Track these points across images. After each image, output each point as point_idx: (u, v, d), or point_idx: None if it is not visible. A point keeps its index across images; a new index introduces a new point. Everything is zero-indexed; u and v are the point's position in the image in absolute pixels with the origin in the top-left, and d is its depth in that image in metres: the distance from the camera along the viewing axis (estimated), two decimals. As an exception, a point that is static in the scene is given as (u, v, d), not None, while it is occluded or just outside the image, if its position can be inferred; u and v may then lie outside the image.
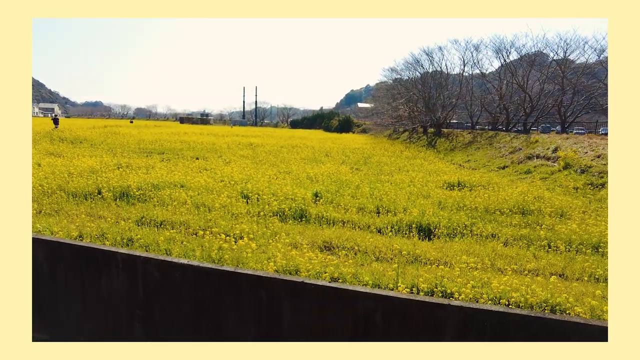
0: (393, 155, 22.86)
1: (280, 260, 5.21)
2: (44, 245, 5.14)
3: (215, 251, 5.59)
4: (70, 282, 4.99)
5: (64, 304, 5.06)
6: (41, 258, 5.19)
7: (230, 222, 7.44)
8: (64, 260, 5.07)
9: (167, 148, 21.79)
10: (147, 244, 6.08)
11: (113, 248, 4.93)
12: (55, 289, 5.04)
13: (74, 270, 5.08)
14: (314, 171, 13.71)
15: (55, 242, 5.07)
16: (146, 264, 4.71)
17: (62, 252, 5.10)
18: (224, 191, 9.47)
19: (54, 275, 5.14)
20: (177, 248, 5.94)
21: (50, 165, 12.15)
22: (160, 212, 7.76)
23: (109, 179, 9.60)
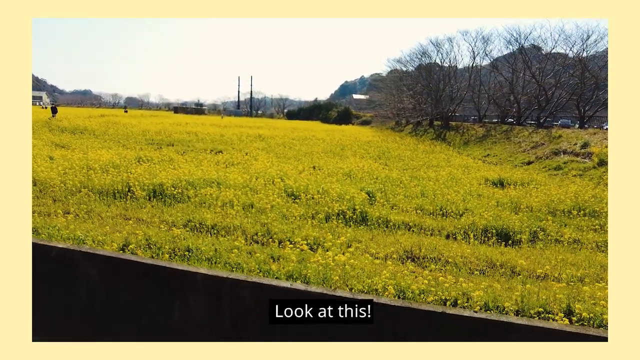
0: (409, 149, 22.11)
1: (386, 279, 4.39)
2: (100, 261, 4.25)
3: (313, 269, 4.73)
4: (133, 310, 4.13)
5: (123, 334, 4.18)
6: (96, 279, 4.31)
7: (288, 226, 6.60)
8: (126, 281, 4.20)
9: (176, 139, 20.73)
10: (210, 256, 5.22)
11: (192, 267, 4.06)
12: (113, 318, 4.16)
13: (139, 294, 4.21)
14: (344, 166, 12.88)
15: (115, 259, 4.18)
16: (236, 287, 3.87)
17: (123, 270, 4.23)
18: (266, 189, 8.60)
19: (112, 300, 4.26)
20: (250, 261, 5.08)
21: (65, 158, 11.10)
22: (206, 214, 6.87)
23: (138, 175, 8.65)
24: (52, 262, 4.36)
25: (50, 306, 4.41)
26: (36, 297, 4.46)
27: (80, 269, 4.29)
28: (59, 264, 4.34)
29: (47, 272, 4.40)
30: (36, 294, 4.47)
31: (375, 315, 3.29)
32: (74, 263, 4.30)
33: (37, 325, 3.48)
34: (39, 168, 9.25)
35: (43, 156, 11.36)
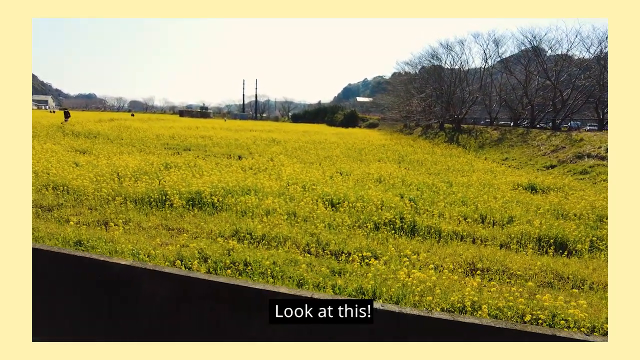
0: (426, 153, 21.83)
1: (470, 296, 4.11)
2: (167, 279, 3.99)
3: (395, 287, 4.46)
4: (207, 332, 3.86)
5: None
6: (161, 296, 4.05)
7: (338, 237, 6.34)
8: (199, 301, 3.93)
9: (192, 144, 20.53)
10: (273, 272, 4.95)
11: (270, 286, 3.80)
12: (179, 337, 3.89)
13: (208, 315, 3.94)
14: (371, 171, 12.60)
15: (183, 277, 3.92)
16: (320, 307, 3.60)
17: (189, 289, 3.96)
18: (303, 197, 8.34)
19: (182, 323, 4.00)
20: (313, 275, 4.82)
21: (91, 165, 10.88)
22: (251, 224, 6.62)
23: (173, 183, 8.40)
24: (115, 279, 4.11)
25: (114, 328, 4.16)
26: (99, 318, 4.21)
27: (145, 286, 4.04)
28: (123, 282, 4.09)
29: (111, 291, 4.15)
30: (100, 315, 4.22)
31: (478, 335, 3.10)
32: (138, 281, 4.05)
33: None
34: (69, 175, 9.02)
35: (68, 162, 11.14)
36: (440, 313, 3.50)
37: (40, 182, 8.60)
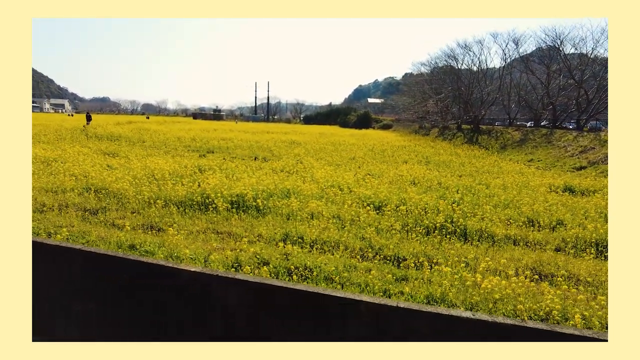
0: (450, 154, 21.52)
1: (553, 304, 3.92)
2: (242, 286, 3.87)
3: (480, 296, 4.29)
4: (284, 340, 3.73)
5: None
6: (236, 304, 3.94)
7: (389, 241, 6.18)
8: (276, 310, 3.81)
9: (214, 146, 20.55)
10: (336, 277, 4.81)
11: (351, 294, 3.66)
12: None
13: (288, 323, 3.81)
14: (403, 173, 12.40)
15: (259, 284, 3.80)
16: (410, 318, 3.45)
17: (268, 296, 3.84)
18: (343, 199, 8.20)
19: (258, 332, 3.88)
20: (375, 281, 4.67)
21: (124, 167, 10.90)
22: (301, 227, 6.50)
23: (215, 186, 8.33)
24: (182, 287, 4.01)
25: (181, 335, 4.06)
26: (167, 326, 4.12)
27: (217, 294, 3.94)
28: (191, 291, 3.99)
29: (177, 299, 4.06)
30: (169, 324, 4.13)
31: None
32: (209, 288, 3.95)
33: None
34: (108, 178, 9.04)
35: (102, 165, 11.20)
36: (535, 323, 3.32)
37: (80, 185, 8.61)
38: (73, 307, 4.45)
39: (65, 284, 4.46)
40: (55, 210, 7.25)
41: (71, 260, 4.36)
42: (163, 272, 4.02)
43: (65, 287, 4.47)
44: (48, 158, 12.17)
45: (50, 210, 7.25)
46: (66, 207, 7.45)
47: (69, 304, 4.47)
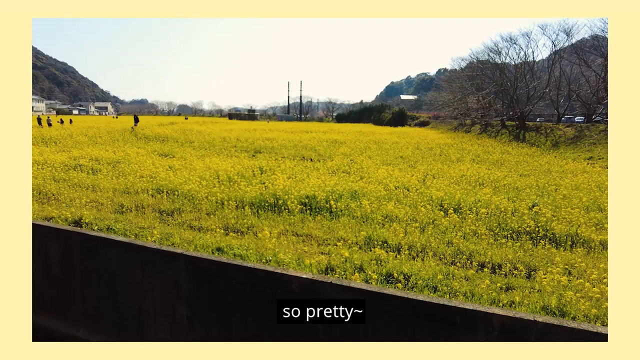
0: (502, 153, 20.63)
1: None
2: (356, 294, 3.71)
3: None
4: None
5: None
6: (352, 314, 3.78)
7: (478, 246, 5.86)
8: (391, 318, 3.63)
9: (261, 146, 20.70)
10: (439, 286, 4.58)
11: (480, 306, 3.42)
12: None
13: (407, 334, 3.62)
14: (465, 172, 11.92)
15: (378, 294, 3.63)
16: (548, 333, 3.17)
17: (386, 305, 3.66)
18: (412, 201, 7.91)
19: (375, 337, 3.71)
20: (478, 290, 4.38)
21: (185, 168, 11.09)
22: (380, 230, 6.30)
23: (284, 187, 8.28)
24: (293, 294, 3.91)
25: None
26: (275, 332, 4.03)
27: (329, 303, 3.79)
28: (303, 299, 3.87)
29: (288, 307, 3.95)
30: (275, 331, 4.03)
31: None
32: (322, 296, 3.82)
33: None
34: (177, 179, 9.20)
35: (163, 165, 11.46)
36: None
37: (151, 187, 8.80)
38: (177, 311, 4.45)
39: (170, 288, 4.48)
40: (133, 211, 7.42)
41: (175, 264, 4.37)
42: (272, 278, 3.92)
43: (170, 290, 4.49)
44: (113, 159, 12.61)
45: (128, 211, 7.42)
46: (142, 208, 7.61)
47: (172, 308, 4.48)
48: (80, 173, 10.61)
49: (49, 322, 5.62)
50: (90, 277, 5.09)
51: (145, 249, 4.53)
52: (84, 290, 5.19)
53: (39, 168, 11.06)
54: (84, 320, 5.24)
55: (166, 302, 4.56)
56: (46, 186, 9.11)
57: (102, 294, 5.06)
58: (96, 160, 12.49)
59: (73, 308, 5.33)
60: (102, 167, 11.50)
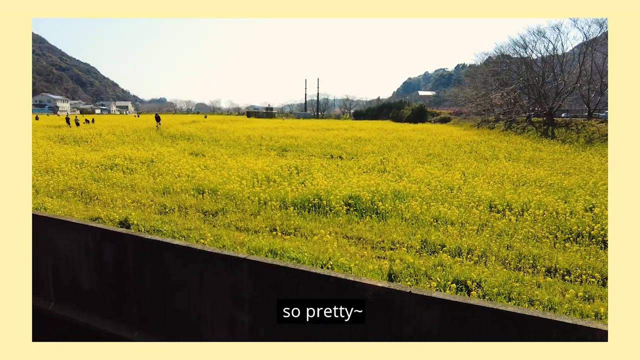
0: (534, 150, 19.97)
1: None
2: (436, 304, 3.49)
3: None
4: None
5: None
6: (428, 324, 3.56)
7: (540, 250, 5.55)
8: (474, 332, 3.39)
9: (285, 145, 20.58)
10: (512, 294, 4.31)
11: (581, 320, 3.16)
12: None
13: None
14: (505, 171, 11.49)
15: (458, 304, 3.40)
16: None
17: (469, 317, 3.44)
18: (465, 201, 7.61)
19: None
20: (559, 300, 4.10)
21: (219, 168, 11.01)
22: (435, 233, 6.05)
23: (328, 186, 8.09)
24: (366, 303, 3.71)
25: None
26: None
27: (407, 313, 3.58)
28: (377, 308, 3.67)
29: (359, 318, 3.76)
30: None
31: None
32: (400, 305, 3.61)
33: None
34: (217, 179, 9.12)
35: (197, 164, 11.43)
36: None
37: (190, 186, 8.74)
38: (238, 317, 4.32)
39: (230, 293, 4.35)
40: (176, 212, 7.35)
41: (237, 269, 4.23)
42: (343, 286, 3.73)
43: (230, 295, 4.36)
44: (146, 158, 12.66)
45: (171, 212, 7.36)
46: (185, 208, 7.53)
47: (233, 313, 4.35)
48: (116, 172, 10.65)
49: (101, 324, 5.59)
50: (145, 280, 5.02)
51: (205, 253, 4.41)
52: (139, 293, 5.12)
53: (78, 167, 11.17)
54: (139, 323, 5.18)
55: (226, 307, 4.43)
56: (87, 186, 9.16)
57: (157, 298, 4.98)
58: (130, 159, 12.56)
59: (127, 311, 5.28)
60: (136, 167, 11.54)
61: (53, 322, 6.02)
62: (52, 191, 8.88)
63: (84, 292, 5.69)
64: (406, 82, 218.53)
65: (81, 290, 5.72)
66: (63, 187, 9.15)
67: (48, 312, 6.15)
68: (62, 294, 6.00)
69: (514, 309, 3.32)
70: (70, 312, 5.88)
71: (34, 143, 17.42)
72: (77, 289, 5.76)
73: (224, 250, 4.40)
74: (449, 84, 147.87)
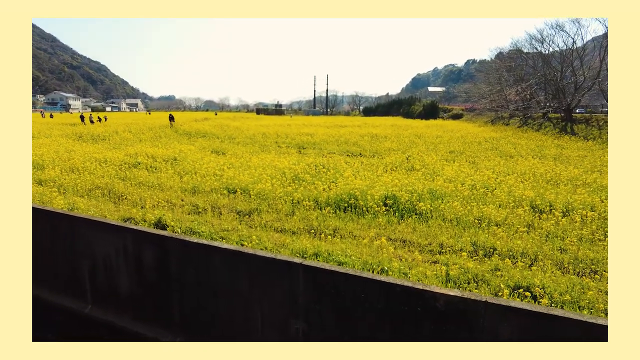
0: (555, 147, 19.54)
1: None
2: (515, 315, 3.27)
3: None
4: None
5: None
6: (507, 336, 3.34)
7: (598, 254, 5.28)
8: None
9: (303, 142, 20.41)
10: (582, 303, 4.07)
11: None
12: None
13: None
14: (537, 169, 11.17)
15: (542, 314, 3.17)
16: None
17: (558, 329, 3.21)
18: (505, 201, 7.35)
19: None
20: None
21: (243, 166, 10.85)
22: (483, 236, 5.80)
23: (359, 187, 7.87)
24: (437, 314, 3.50)
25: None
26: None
27: (483, 324, 3.36)
28: (451, 319, 3.45)
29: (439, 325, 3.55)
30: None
31: None
32: (476, 317, 3.39)
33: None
34: (248, 179, 8.95)
35: (222, 164, 11.28)
36: None
37: (219, 185, 8.59)
38: (291, 326, 4.14)
39: (283, 300, 4.16)
40: (209, 212, 7.20)
41: (291, 275, 4.04)
42: (411, 294, 3.52)
43: (283, 303, 4.17)
44: (169, 156, 12.55)
45: (204, 212, 7.20)
46: (217, 208, 7.38)
47: (286, 322, 4.16)
48: (141, 171, 10.55)
49: (141, 328, 5.46)
50: (188, 284, 4.85)
51: (257, 257, 4.22)
52: (182, 298, 4.96)
53: (102, 166, 11.09)
54: (181, 330, 5.02)
55: (278, 315, 4.24)
56: (114, 185, 9.06)
57: (202, 303, 4.81)
58: (153, 157, 12.45)
59: (169, 316, 5.12)
60: (160, 165, 11.43)
61: (91, 325, 5.91)
62: (80, 190, 8.80)
63: (123, 295, 5.55)
64: (415, 77, 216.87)
65: (120, 294, 5.58)
66: (90, 186, 9.06)
67: (85, 315, 6.04)
68: (100, 297, 5.87)
69: (604, 321, 3.08)
70: (108, 316, 5.76)
71: (54, 141, 17.45)
72: (115, 292, 5.63)
73: (278, 255, 4.21)
74: (458, 80, 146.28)
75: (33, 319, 3.16)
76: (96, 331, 5.88)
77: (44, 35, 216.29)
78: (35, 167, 11.10)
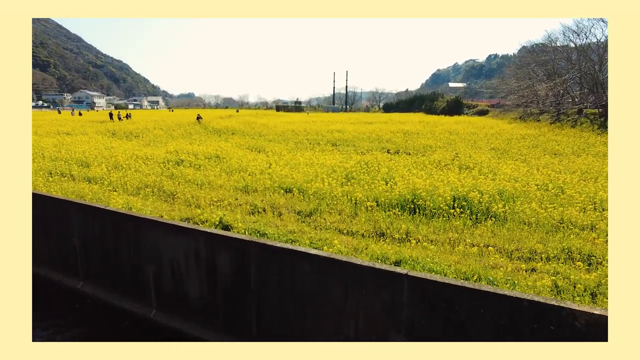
0: (601, 144, 18.60)
1: None
2: None
3: None
4: None
5: None
6: None
7: None
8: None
9: (334, 139, 20.03)
10: None
11: None
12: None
13: None
14: (592, 168, 10.53)
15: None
16: None
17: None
18: (588, 204, 6.83)
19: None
20: None
21: (288, 165, 10.56)
22: (575, 241, 5.34)
23: (422, 186, 7.47)
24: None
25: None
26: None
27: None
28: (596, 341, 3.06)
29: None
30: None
31: None
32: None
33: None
34: (302, 177, 8.67)
35: (266, 161, 11.04)
36: None
37: (274, 184, 8.32)
38: (392, 339, 3.80)
39: (383, 313, 3.83)
40: (268, 212, 6.93)
41: (395, 286, 3.70)
42: (541, 310, 3.14)
43: (383, 316, 3.84)
44: (209, 154, 12.40)
45: (263, 213, 6.94)
46: (276, 208, 7.10)
47: (386, 336, 3.84)
48: (186, 169, 10.39)
49: (212, 337, 5.22)
50: (269, 292, 4.58)
51: (353, 266, 3.90)
52: (261, 306, 4.69)
53: (146, 163, 11.00)
54: (258, 339, 4.76)
55: (376, 329, 3.92)
56: (162, 183, 8.90)
57: (285, 314, 4.53)
58: (194, 155, 12.31)
59: (245, 325, 4.87)
60: (203, 162, 11.26)
61: (155, 330, 5.73)
62: (129, 189, 8.67)
63: (192, 302, 5.33)
64: (435, 73, 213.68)
65: (189, 300, 5.36)
66: (138, 184, 8.93)
67: (149, 319, 5.86)
68: (166, 302, 5.68)
69: None
70: (175, 322, 5.55)
71: (91, 139, 17.60)
72: (183, 298, 5.42)
73: (377, 264, 3.89)
74: (480, 76, 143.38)
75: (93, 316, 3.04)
76: (164, 335, 5.69)
77: (70, 35, 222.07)
78: (81, 164, 11.09)
